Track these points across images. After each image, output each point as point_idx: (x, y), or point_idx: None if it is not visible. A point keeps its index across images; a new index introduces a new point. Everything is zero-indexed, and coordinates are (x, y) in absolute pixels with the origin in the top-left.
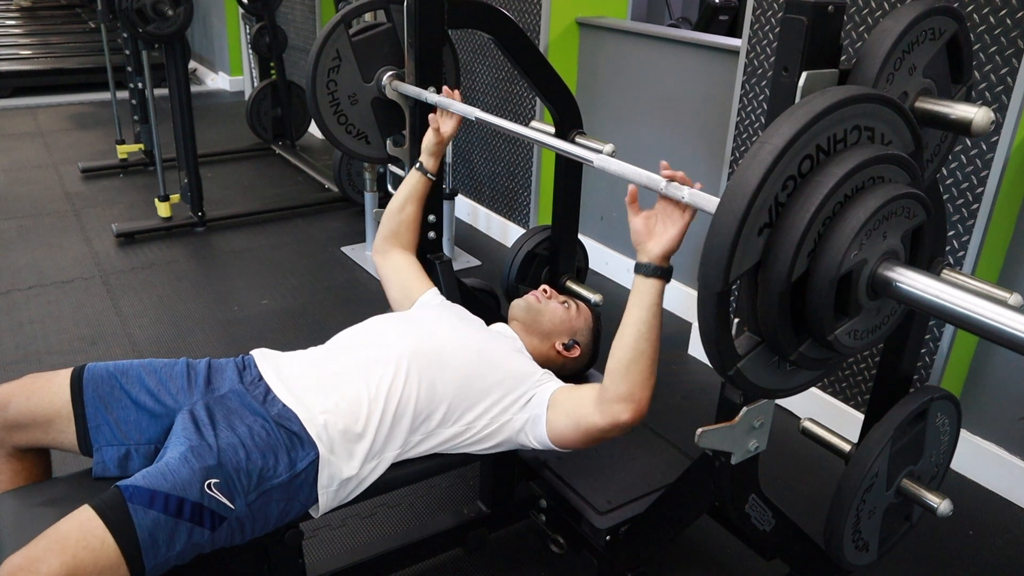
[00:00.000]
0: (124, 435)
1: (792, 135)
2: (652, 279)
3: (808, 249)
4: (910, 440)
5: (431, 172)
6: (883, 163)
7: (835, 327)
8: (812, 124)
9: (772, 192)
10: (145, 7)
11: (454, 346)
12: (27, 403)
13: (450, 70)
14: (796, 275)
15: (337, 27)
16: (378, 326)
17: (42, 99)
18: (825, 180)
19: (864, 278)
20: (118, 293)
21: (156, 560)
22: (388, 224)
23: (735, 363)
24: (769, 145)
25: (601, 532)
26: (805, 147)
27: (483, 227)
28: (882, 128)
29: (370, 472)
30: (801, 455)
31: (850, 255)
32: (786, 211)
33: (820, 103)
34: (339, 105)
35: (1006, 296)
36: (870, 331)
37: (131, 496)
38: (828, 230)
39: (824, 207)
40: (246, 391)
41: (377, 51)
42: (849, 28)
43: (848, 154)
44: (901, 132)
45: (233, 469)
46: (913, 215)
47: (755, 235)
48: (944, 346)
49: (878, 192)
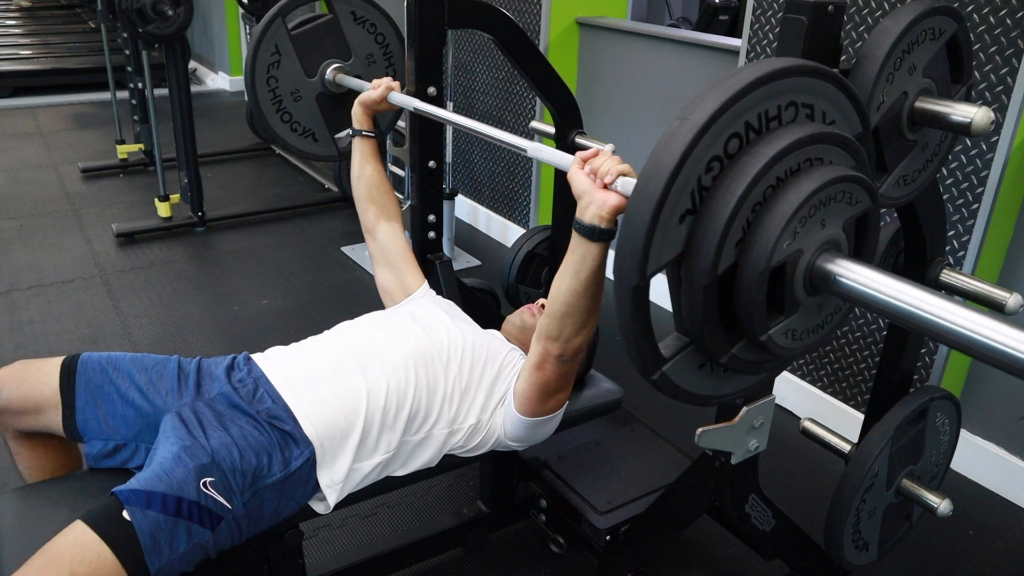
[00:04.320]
0: (112, 430)
1: (715, 110)
2: (597, 243)
3: (736, 238)
4: (910, 440)
5: (366, 130)
6: (822, 143)
7: (769, 326)
8: (739, 98)
9: (695, 174)
10: (145, 7)
11: (452, 346)
12: (17, 390)
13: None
14: (723, 267)
15: (274, 21)
16: (377, 322)
17: (42, 99)
18: (754, 160)
19: (801, 271)
20: (118, 293)
21: (160, 562)
22: (359, 193)
23: (659, 367)
24: (690, 122)
25: (601, 532)
26: (731, 124)
27: (483, 227)
28: (823, 106)
29: (371, 467)
30: (801, 455)
31: (783, 244)
32: (710, 196)
33: (749, 74)
34: (282, 103)
35: (1006, 296)
36: (811, 331)
37: (127, 499)
38: (758, 217)
39: (752, 191)
40: (234, 391)
41: (319, 44)
42: (849, 28)
43: (782, 132)
44: (846, 111)
45: (228, 468)
46: (856, 201)
47: (676, 222)
48: (944, 346)
49: (815, 174)
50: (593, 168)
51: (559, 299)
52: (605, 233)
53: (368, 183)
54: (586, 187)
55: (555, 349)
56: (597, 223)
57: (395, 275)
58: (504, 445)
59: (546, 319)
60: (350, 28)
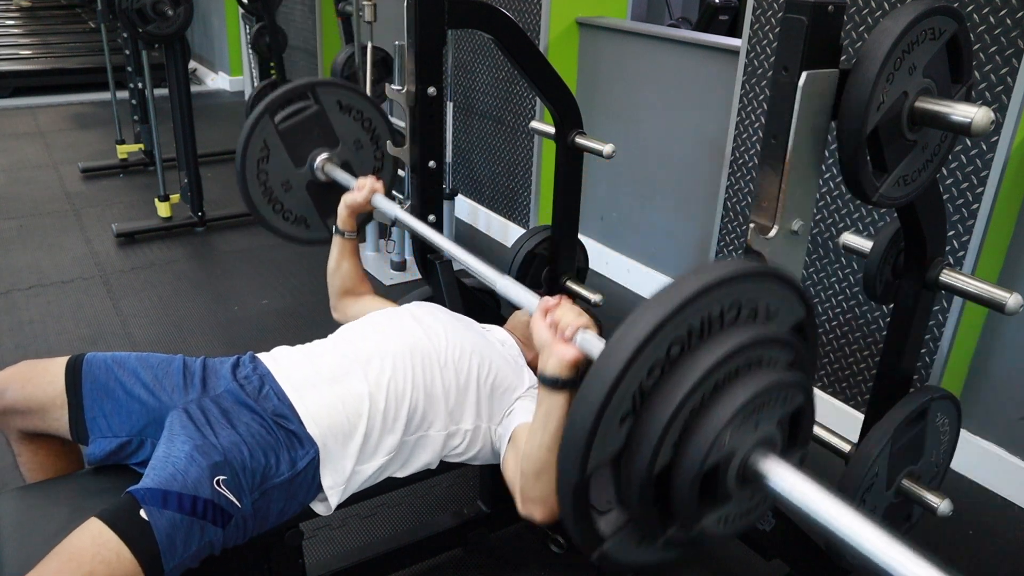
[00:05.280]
0: (118, 427)
1: (657, 323)
2: (561, 392)
3: (673, 440)
4: (910, 440)
5: (348, 232)
6: (760, 347)
7: (701, 517)
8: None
9: (636, 380)
10: (145, 7)
11: (453, 346)
12: (22, 390)
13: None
14: (659, 466)
15: (262, 118)
16: (378, 324)
17: (42, 99)
18: (692, 371)
19: (733, 469)
20: (118, 293)
21: (174, 561)
22: (333, 284)
23: (598, 547)
24: (633, 333)
25: None
26: (675, 330)
27: (483, 227)
28: (766, 300)
29: (373, 469)
30: None
31: (716, 449)
32: (650, 400)
33: (692, 285)
34: (273, 194)
35: (1006, 296)
36: (743, 514)
37: (144, 498)
38: (694, 421)
39: (689, 399)
40: (240, 388)
41: (307, 135)
42: (849, 28)
43: (721, 339)
44: (789, 300)
45: (239, 467)
46: (791, 400)
47: (616, 424)
48: (944, 346)
49: (750, 382)
50: (554, 320)
51: (532, 456)
52: (568, 383)
53: (343, 276)
54: (547, 340)
55: (539, 514)
56: (559, 375)
57: None
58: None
59: (523, 479)
60: (336, 117)
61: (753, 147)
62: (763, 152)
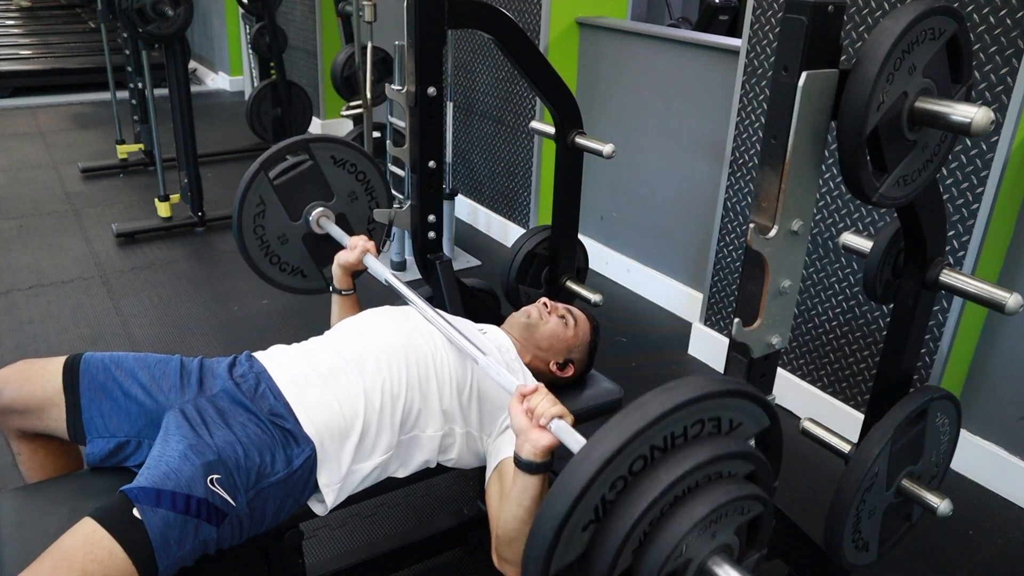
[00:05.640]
0: (115, 427)
1: (619, 445)
2: (535, 475)
3: (632, 547)
4: (910, 440)
5: (345, 290)
6: (720, 462)
7: None
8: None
9: (599, 492)
10: (145, 7)
11: (447, 346)
12: (20, 390)
13: (379, 229)
14: (619, 572)
15: (257, 175)
16: (376, 321)
17: (42, 99)
18: (653, 487)
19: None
20: (118, 293)
21: (168, 559)
22: None
23: None
24: (597, 452)
25: None
26: (638, 448)
27: (483, 227)
28: (731, 414)
29: (370, 469)
30: (801, 455)
31: (674, 558)
32: (612, 511)
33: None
34: (269, 247)
35: (1006, 296)
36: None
37: (137, 497)
38: (654, 531)
39: (649, 512)
40: (236, 387)
41: (302, 190)
42: (849, 28)
43: (683, 454)
44: (753, 412)
45: (233, 466)
46: (748, 510)
47: (579, 531)
48: (944, 346)
49: (709, 496)
50: (530, 407)
51: (507, 525)
52: (541, 467)
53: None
54: (523, 426)
55: (510, 574)
56: (534, 459)
57: None
58: None
59: (496, 540)
60: (330, 171)
61: (753, 147)
62: (763, 152)
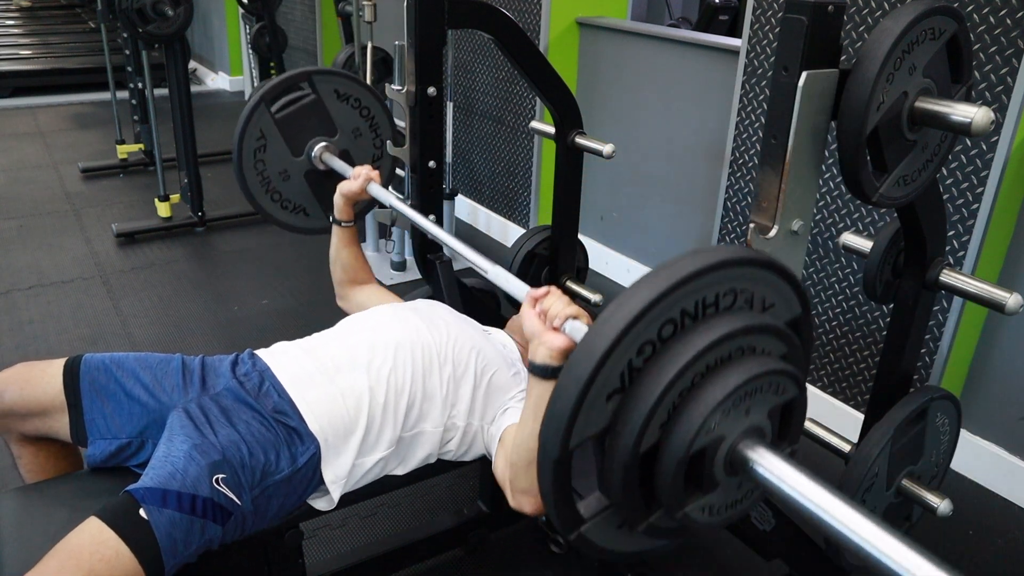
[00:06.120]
0: (118, 428)
1: (650, 300)
2: (550, 381)
3: (660, 420)
4: (910, 440)
5: (345, 221)
6: (754, 334)
7: (686, 503)
8: (675, 289)
9: (626, 356)
10: (145, 7)
11: (453, 342)
12: (20, 392)
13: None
14: (645, 447)
15: (258, 107)
16: (381, 317)
17: (42, 99)
18: (684, 351)
19: (721, 455)
20: (118, 293)
21: (175, 559)
22: (335, 273)
23: (577, 528)
24: (624, 309)
25: None
26: (667, 311)
27: (483, 227)
28: (763, 292)
29: (372, 463)
30: (801, 455)
31: (704, 433)
32: (639, 379)
33: (688, 266)
34: (270, 183)
35: (1006, 296)
36: (728, 506)
37: (143, 498)
38: (683, 403)
39: (680, 380)
40: (240, 386)
41: (304, 124)
42: (849, 28)
43: (715, 322)
44: (785, 294)
45: (238, 465)
46: (783, 391)
47: (603, 400)
48: (944, 346)
49: (742, 367)
50: (543, 310)
51: (522, 447)
52: (558, 371)
53: (344, 265)
54: (537, 329)
55: (528, 507)
56: (549, 362)
57: None
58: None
59: (512, 470)
60: (334, 106)
61: (753, 147)
62: (763, 152)
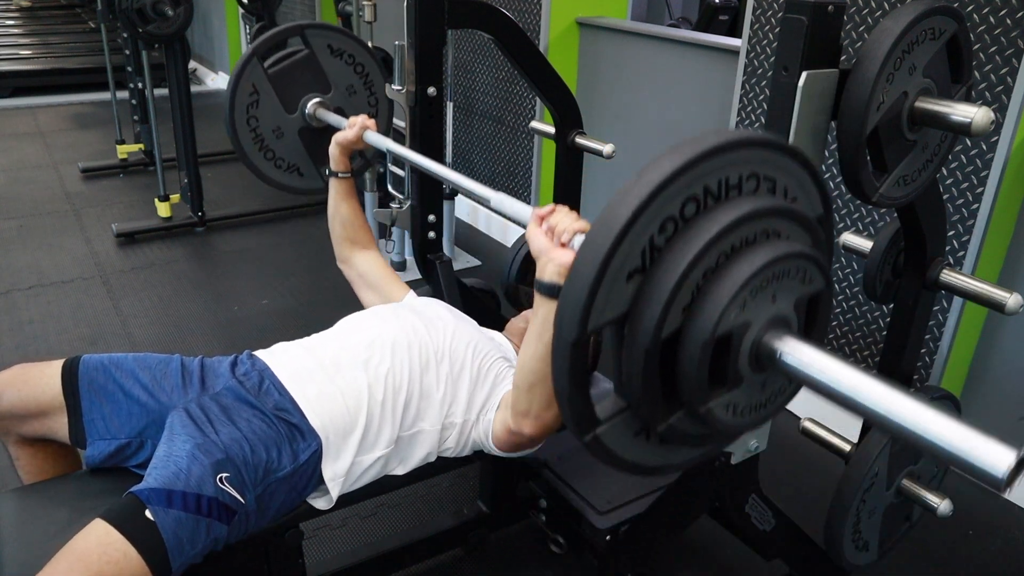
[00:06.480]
0: (117, 428)
1: (675, 169)
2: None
3: (684, 303)
4: None
5: (342, 172)
6: (782, 217)
7: (710, 397)
8: (700, 161)
9: (647, 232)
10: (145, 7)
11: (451, 339)
12: (19, 394)
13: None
14: (668, 331)
15: (250, 61)
16: (379, 316)
17: (42, 99)
18: (710, 225)
19: (747, 344)
20: (118, 293)
21: (182, 559)
22: (334, 230)
23: (592, 429)
24: (646, 179)
25: (601, 532)
26: (690, 186)
27: (483, 227)
28: (786, 182)
29: (371, 461)
30: (801, 455)
31: (731, 314)
32: (662, 256)
33: (713, 140)
34: (264, 141)
35: (1006, 296)
36: (753, 408)
37: (149, 499)
38: (708, 283)
39: (705, 255)
40: (240, 385)
41: (298, 80)
42: (849, 28)
43: (741, 201)
44: (809, 191)
45: (241, 463)
46: (810, 280)
47: (623, 280)
48: (944, 346)
49: (770, 247)
50: (550, 226)
51: (526, 368)
52: None
53: (343, 221)
54: (544, 246)
55: (528, 428)
56: (557, 281)
57: (378, 294)
58: (490, 450)
59: (515, 392)
60: (328, 61)
61: None
62: None
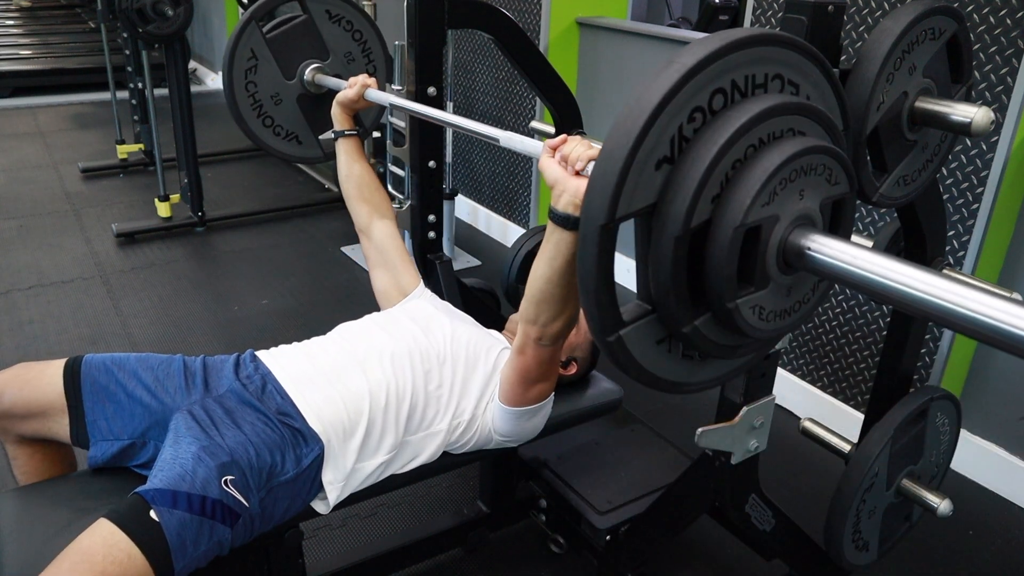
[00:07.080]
0: (120, 429)
1: (704, 56)
2: (572, 231)
3: (713, 193)
4: (910, 440)
5: (348, 129)
6: (806, 115)
7: (737, 294)
8: (729, 51)
9: (676, 121)
10: (145, 7)
11: (447, 343)
12: (20, 393)
13: (381, 75)
14: (697, 221)
15: (248, 25)
16: (377, 323)
17: (42, 99)
18: (738, 115)
19: (775, 241)
20: (118, 293)
21: (185, 561)
22: (349, 193)
23: (617, 329)
24: (677, 64)
25: (601, 532)
26: (719, 78)
27: (483, 227)
28: (809, 89)
29: (373, 467)
30: (801, 455)
31: (759, 204)
32: (691, 146)
33: (744, 33)
34: (262, 107)
35: (1006, 296)
36: (779, 314)
37: (153, 499)
38: (737, 174)
39: (734, 145)
40: (243, 387)
41: (296, 46)
42: (849, 28)
43: (769, 97)
44: (829, 102)
45: (246, 466)
46: (835, 180)
47: (652, 168)
48: (944, 346)
49: (798, 140)
50: (563, 155)
51: (535, 284)
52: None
53: (358, 182)
54: (558, 175)
55: (533, 332)
56: (571, 211)
57: (392, 276)
58: (495, 442)
59: (525, 302)
60: (326, 27)
61: None
62: None
